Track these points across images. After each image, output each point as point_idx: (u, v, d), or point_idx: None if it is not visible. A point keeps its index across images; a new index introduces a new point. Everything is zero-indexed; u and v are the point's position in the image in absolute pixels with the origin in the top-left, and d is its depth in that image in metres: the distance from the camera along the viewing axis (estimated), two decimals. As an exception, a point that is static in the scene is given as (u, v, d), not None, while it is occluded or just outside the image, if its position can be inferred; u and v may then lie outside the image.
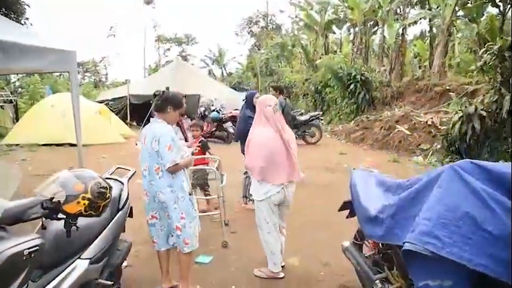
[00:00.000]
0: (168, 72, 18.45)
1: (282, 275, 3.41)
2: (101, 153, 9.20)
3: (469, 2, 14.61)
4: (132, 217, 3.10)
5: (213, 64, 37.14)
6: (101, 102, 15.15)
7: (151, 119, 2.98)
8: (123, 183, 2.95)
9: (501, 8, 15.51)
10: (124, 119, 14.40)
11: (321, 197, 5.88)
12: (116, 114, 13.93)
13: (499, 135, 7.77)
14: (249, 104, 5.43)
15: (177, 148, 2.84)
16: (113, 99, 15.62)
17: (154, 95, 2.94)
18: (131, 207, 3.04)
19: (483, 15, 15.98)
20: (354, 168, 3.08)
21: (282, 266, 3.46)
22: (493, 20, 16.11)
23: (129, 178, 3.12)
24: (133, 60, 75.42)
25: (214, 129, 11.15)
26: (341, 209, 3.05)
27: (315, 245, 4.17)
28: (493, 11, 16.32)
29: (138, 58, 74.35)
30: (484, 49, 7.95)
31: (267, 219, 3.29)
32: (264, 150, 3.19)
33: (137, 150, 3.21)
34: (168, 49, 40.45)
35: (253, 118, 5.20)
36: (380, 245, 2.68)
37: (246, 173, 5.37)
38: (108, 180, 2.50)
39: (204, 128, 11.10)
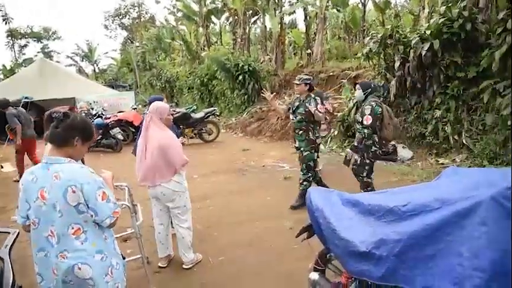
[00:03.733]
0: (30, 73, 15.76)
1: (162, 264, 3.75)
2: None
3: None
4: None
5: (82, 61, 33.61)
6: None
7: (44, 157, 2.01)
8: (3, 259, 1.99)
9: (362, -1, 17.05)
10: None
11: (242, 209, 5.34)
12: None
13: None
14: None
15: (111, 192, 2.02)
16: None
17: (51, 118, 1.98)
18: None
19: (348, 5, 17.38)
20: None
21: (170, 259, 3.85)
22: (355, 10, 17.70)
23: (11, 246, 2.16)
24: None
25: (100, 137, 9.73)
26: (299, 234, 2.60)
27: (256, 273, 3.65)
28: (356, 1, 17.94)
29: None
30: (368, 37, 8.36)
31: (152, 211, 3.77)
32: (137, 153, 3.63)
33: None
34: (25, 45, 35.17)
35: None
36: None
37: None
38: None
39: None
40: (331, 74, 12.31)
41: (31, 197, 1.95)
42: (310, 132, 5.03)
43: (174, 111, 10.19)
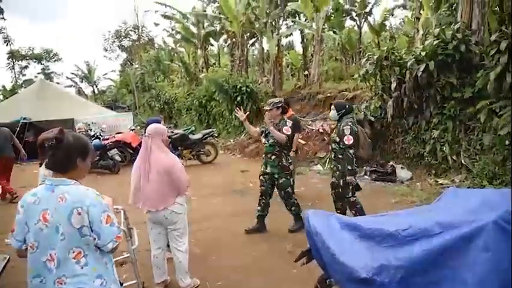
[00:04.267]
0: (30, 94, 15.85)
1: None
2: None
3: (333, 15, 15.93)
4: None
5: (82, 82, 33.85)
6: None
7: (46, 178, 1.94)
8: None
9: (357, 22, 17.44)
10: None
11: (241, 231, 5.22)
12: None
13: (386, 138, 8.35)
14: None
15: (115, 217, 1.97)
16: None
17: (43, 145, 1.93)
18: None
19: (344, 27, 17.71)
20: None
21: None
22: (351, 32, 18.03)
23: (1, 272, 2.10)
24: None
25: (97, 158, 9.69)
26: (298, 259, 2.55)
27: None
28: (351, 23, 18.29)
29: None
30: (365, 59, 8.47)
31: (149, 235, 3.65)
32: (133, 175, 3.52)
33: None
34: (26, 66, 35.44)
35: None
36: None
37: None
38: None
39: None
40: (328, 95, 12.39)
41: (32, 220, 1.88)
42: (283, 159, 4.90)
43: (172, 132, 10.21)
